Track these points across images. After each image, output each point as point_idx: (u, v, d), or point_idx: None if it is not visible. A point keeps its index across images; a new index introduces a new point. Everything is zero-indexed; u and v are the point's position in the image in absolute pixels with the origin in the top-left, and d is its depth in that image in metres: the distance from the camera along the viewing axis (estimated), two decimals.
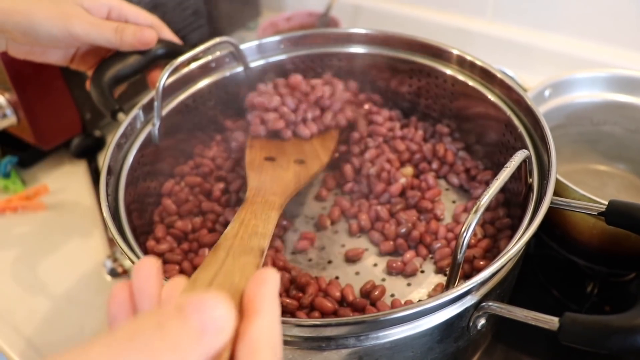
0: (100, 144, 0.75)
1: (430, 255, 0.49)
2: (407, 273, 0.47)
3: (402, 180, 0.53)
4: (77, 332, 0.57)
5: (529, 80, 0.75)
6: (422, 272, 0.48)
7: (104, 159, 0.46)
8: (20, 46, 0.52)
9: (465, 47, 0.55)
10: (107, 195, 0.44)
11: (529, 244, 0.37)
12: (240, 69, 0.58)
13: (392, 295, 0.46)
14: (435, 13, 0.90)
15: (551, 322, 0.33)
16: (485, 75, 0.52)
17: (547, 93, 0.60)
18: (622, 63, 0.75)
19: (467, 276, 0.45)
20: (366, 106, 0.61)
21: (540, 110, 0.59)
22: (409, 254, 0.48)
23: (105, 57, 0.54)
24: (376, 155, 0.56)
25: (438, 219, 0.51)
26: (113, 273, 0.62)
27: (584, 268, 0.58)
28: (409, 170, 0.55)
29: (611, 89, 0.62)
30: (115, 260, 0.63)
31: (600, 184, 0.64)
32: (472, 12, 0.87)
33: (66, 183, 0.74)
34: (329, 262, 0.50)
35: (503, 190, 0.51)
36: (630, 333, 0.31)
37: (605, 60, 0.77)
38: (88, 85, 0.53)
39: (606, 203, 0.40)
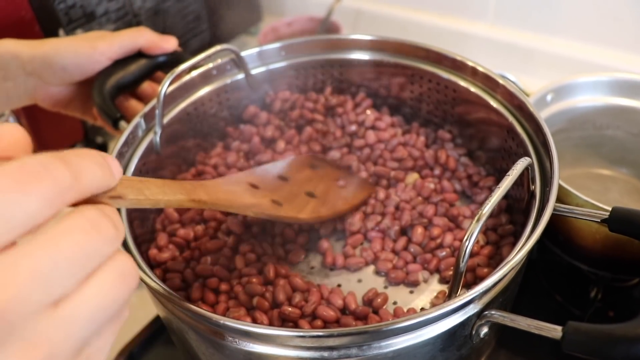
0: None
1: (437, 270, 0.48)
2: (409, 282, 0.47)
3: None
4: None
5: (530, 84, 0.75)
6: (425, 280, 0.48)
7: None
8: (47, 89, 0.54)
9: (466, 51, 0.55)
10: None
11: (531, 250, 0.37)
12: (241, 76, 0.58)
13: (395, 303, 0.46)
14: (437, 17, 0.90)
15: (554, 331, 0.33)
16: (488, 82, 0.52)
17: (549, 97, 0.60)
18: (624, 66, 0.75)
19: (469, 284, 0.45)
20: (368, 112, 0.61)
21: (543, 114, 0.59)
22: (413, 266, 0.48)
23: None
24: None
25: (459, 226, 0.51)
26: None
27: (587, 273, 0.58)
28: (415, 176, 0.55)
29: (614, 92, 0.62)
30: None
31: (603, 188, 0.64)
32: (473, 16, 0.87)
33: None
34: (331, 269, 0.49)
35: (505, 196, 0.50)
36: (635, 343, 0.31)
37: (608, 63, 0.77)
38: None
39: (609, 209, 0.39)
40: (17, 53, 0.51)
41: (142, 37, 0.54)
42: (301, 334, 0.34)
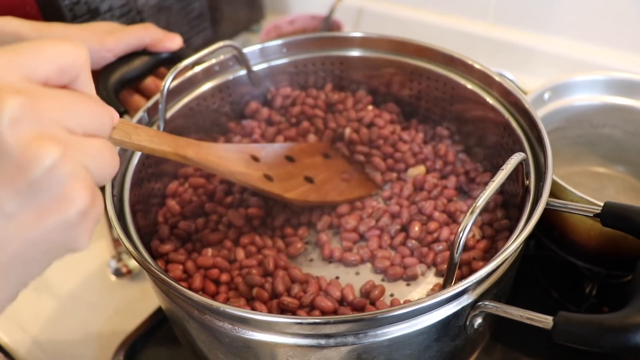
0: None
1: (434, 264, 0.49)
2: (407, 277, 0.48)
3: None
4: (81, 331, 0.58)
5: (530, 83, 0.75)
6: (422, 273, 0.49)
7: None
8: None
9: (466, 50, 0.56)
10: (113, 195, 0.45)
11: (528, 245, 0.38)
12: (243, 72, 0.59)
13: (392, 295, 0.47)
14: (438, 16, 0.90)
15: (545, 321, 0.34)
16: (484, 79, 0.52)
17: (546, 96, 0.61)
18: (623, 66, 0.76)
19: (465, 277, 0.46)
20: (370, 107, 0.61)
21: (540, 113, 0.60)
22: (411, 260, 0.49)
23: None
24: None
25: (456, 221, 0.51)
26: (117, 273, 0.63)
27: (582, 269, 0.58)
28: (421, 169, 0.56)
29: (610, 91, 0.62)
30: (119, 260, 0.64)
31: (599, 186, 0.64)
32: (473, 15, 0.87)
33: None
34: (330, 262, 0.50)
35: (501, 192, 0.51)
36: (623, 331, 0.32)
37: (607, 63, 0.77)
38: None
39: (601, 205, 0.40)
40: (21, 34, 0.51)
41: (149, 36, 0.55)
42: (298, 321, 0.34)
